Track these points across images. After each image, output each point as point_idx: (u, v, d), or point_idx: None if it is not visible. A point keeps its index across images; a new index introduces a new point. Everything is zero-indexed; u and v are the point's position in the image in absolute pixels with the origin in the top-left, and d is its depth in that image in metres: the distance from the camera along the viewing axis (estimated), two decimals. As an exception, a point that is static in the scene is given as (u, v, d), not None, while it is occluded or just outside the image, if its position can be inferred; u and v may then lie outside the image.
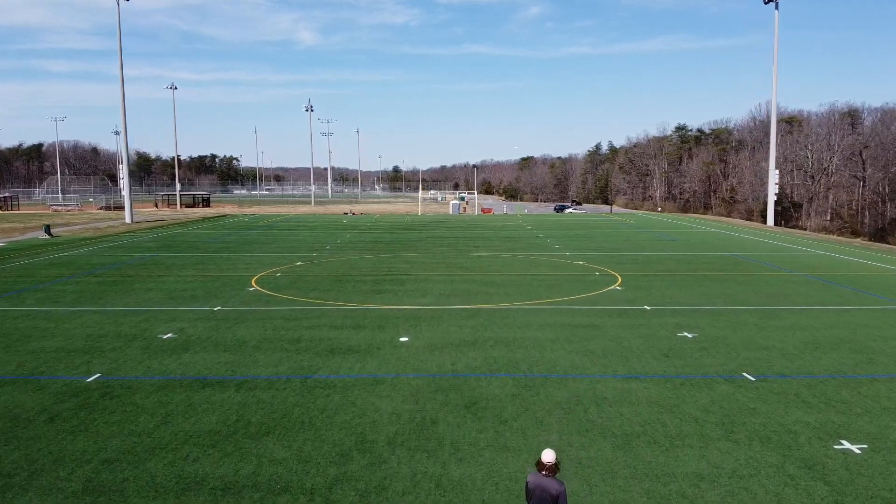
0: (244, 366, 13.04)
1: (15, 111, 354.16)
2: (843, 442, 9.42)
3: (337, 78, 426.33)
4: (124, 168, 54.16)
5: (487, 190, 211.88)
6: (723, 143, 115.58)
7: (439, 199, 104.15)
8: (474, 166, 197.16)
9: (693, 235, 43.80)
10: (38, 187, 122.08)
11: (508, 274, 25.29)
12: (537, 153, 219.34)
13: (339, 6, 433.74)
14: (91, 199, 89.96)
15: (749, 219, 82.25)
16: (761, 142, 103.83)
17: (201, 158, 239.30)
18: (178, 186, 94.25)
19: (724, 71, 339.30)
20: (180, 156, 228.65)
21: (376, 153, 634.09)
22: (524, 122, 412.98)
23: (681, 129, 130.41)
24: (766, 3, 56.29)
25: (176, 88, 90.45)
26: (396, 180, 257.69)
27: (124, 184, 54.28)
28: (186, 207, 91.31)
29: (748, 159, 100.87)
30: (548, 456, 6.05)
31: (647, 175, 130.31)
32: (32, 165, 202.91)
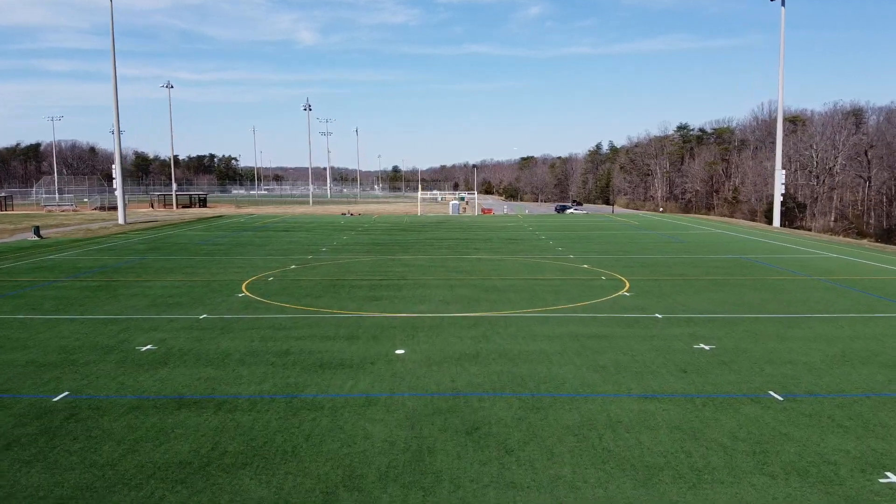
0: (226, 383, 11.99)
1: (14, 111, 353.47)
2: (889, 474, 8.37)
3: (337, 78, 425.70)
4: (117, 168, 53.11)
5: (487, 190, 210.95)
6: (725, 142, 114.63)
7: (439, 199, 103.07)
8: (474, 166, 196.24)
9: (699, 237, 42.74)
10: (30, 187, 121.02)
11: (511, 278, 24.23)
12: (537, 153, 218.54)
13: (339, 6, 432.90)
14: (86, 200, 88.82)
15: (752, 219, 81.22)
16: (764, 141, 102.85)
17: (200, 158, 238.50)
18: (175, 186, 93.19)
19: (725, 70, 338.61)
20: (179, 156, 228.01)
21: (376, 153, 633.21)
22: (524, 122, 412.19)
23: (682, 128, 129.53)
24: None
25: (172, 87, 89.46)
26: (396, 180, 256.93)
27: (117, 184, 53.21)
28: (183, 208, 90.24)
29: (751, 159, 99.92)
30: None
31: (648, 175, 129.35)
32: (30, 165, 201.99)
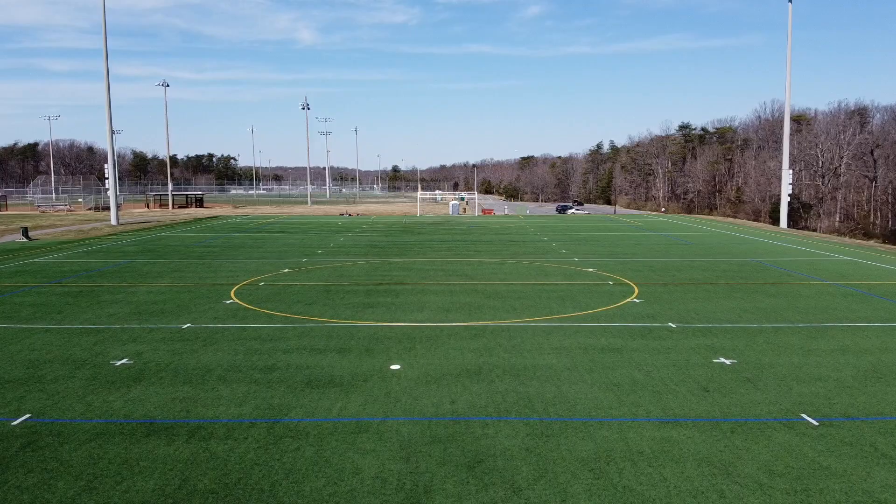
0: (202, 404, 10.88)
1: (12, 110, 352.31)
2: (951, 517, 7.29)
3: (336, 77, 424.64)
4: (110, 168, 51.95)
5: (487, 189, 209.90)
6: (727, 142, 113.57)
7: (438, 199, 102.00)
8: (474, 166, 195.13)
9: (706, 238, 41.61)
10: (27, 187, 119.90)
11: (514, 283, 23.12)
12: (538, 152, 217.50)
13: (339, 5, 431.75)
14: (80, 200, 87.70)
15: (756, 219, 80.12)
16: (767, 140, 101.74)
17: (198, 158, 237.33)
18: (171, 186, 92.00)
19: (726, 70, 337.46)
20: (177, 155, 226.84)
21: (375, 153, 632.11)
22: (524, 122, 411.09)
23: (684, 127, 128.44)
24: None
25: (168, 86, 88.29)
26: (395, 180, 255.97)
27: (110, 183, 52.06)
28: (179, 208, 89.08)
29: (754, 158, 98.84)
30: None
31: (649, 175, 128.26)
32: (28, 165, 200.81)
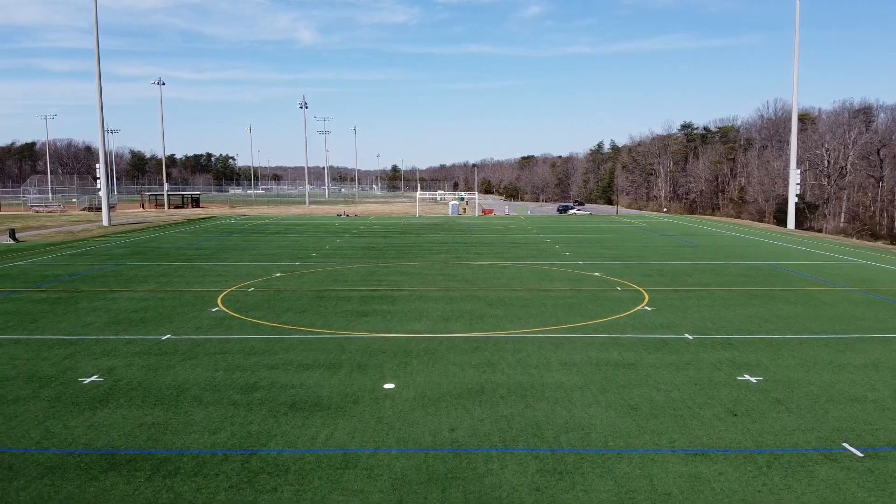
0: (173, 430, 9.74)
1: (11, 109, 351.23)
2: None
3: (336, 77, 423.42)
4: (101, 167, 50.81)
5: (487, 189, 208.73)
6: (730, 141, 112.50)
7: (438, 199, 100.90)
8: (474, 165, 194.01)
9: (713, 240, 40.45)
10: (21, 186, 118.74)
11: (517, 289, 21.97)
12: (538, 152, 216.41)
13: (339, 5, 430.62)
14: (74, 200, 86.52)
15: (760, 220, 79.01)
16: (771, 140, 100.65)
17: (197, 157, 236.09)
18: (166, 186, 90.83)
19: (727, 70, 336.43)
20: (175, 155, 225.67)
21: (375, 152, 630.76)
22: (524, 122, 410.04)
23: (686, 127, 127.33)
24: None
25: (163, 84, 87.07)
26: (395, 179, 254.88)
27: (101, 183, 50.90)
28: (175, 208, 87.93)
29: (757, 158, 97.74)
30: None
31: (651, 174, 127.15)
32: (25, 164, 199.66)
